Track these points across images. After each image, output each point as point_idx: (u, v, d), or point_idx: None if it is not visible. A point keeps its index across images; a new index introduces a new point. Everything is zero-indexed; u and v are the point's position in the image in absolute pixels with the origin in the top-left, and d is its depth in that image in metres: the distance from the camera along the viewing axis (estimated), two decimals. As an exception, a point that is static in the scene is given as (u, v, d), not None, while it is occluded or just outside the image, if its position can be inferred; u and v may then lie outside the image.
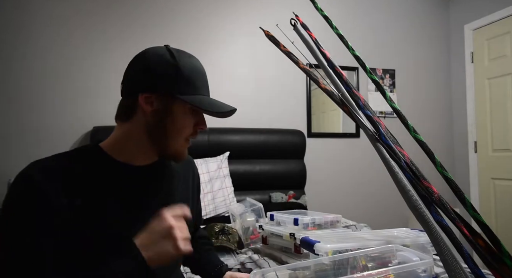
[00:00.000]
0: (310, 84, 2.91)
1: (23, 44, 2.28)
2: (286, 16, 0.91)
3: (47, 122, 2.31)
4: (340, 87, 0.70)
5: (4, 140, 2.23)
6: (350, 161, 3.02)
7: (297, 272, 0.88)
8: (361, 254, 0.90)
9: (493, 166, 3.02)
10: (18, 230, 0.62)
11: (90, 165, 0.72)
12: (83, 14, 2.42)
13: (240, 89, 2.70)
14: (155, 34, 2.55)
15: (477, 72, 3.18)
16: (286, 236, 1.31)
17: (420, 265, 0.80)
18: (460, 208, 0.64)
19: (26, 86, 2.28)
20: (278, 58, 2.63)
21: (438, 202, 0.55)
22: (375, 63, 3.14)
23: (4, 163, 2.21)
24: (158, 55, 0.73)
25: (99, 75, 2.43)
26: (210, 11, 2.70)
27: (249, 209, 1.81)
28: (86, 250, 0.65)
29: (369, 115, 0.65)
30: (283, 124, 2.77)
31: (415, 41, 3.30)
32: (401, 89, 3.22)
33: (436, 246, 0.51)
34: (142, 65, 0.73)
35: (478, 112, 3.16)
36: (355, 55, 0.71)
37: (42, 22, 2.33)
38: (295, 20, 0.78)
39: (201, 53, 2.61)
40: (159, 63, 0.72)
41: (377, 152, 0.62)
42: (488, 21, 3.05)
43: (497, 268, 0.48)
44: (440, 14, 3.41)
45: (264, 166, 2.58)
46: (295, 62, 0.74)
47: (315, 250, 1.00)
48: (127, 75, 0.76)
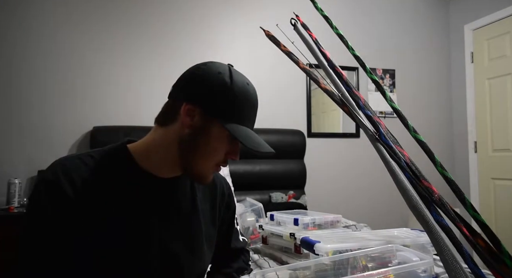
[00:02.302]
0: (310, 84, 2.91)
1: (23, 44, 2.28)
2: (286, 16, 0.91)
3: (47, 122, 2.31)
4: (340, 87, 0.70)
5: (4, 139, 2.23)
6: (350, 161, 3.01)
7: (297, 272, 0.88)
8: (361, 254, 0.90)
9: (493, 166, 3.02)
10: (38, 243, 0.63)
11: (115, 173, 0.70)
12: (84, 15, 2.42)
13: (240, 89, 2.69)
14: (155, 33, 2.55)
15: (477, 72, 3.18)
16: (286, 236, 1.31)
17: (420, 265, 0.80)
18: (460, 208, 0.64)
19: (26, 86, 2.28)
20: (278, 58, 2.63)
21: (438, 202, 0.55)
22: (375, 63, 3.14)
23: (4, 163, 2.21)
24: (217, 72, 0.70)
25: (99, 75, 2.43)
26: (210, 11, 2.70)
27: (249, 209, 1.81)
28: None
29: (369, 115, 0.65)
30: (283, 124, 2.77)
31: (415, 41, 3.30)
32: (401, 89, 3.22)
33: (436, 246, 0.51)
34: (199, 75, 0.70)
35: (478, 112, 3.16)
36: (355, 55, 0.71)
37: (42, 22, 2.33)
38: (295, 20, 0.78)
39: (201, 52, 2.62)
40: (214, 80, 0.69)
41: (377, 152, 0.62)
42: (488, 21, 3.05)
43: (497, 268, 0.48)
44: (440, 14, 3.41)
45: (264, 166, 2.58)
46: (295, 62, 0.74)
47: (315, 250, 1.00)
48: (181, 80, 0.72)
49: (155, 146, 0.72)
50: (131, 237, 0.68)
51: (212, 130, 0.69)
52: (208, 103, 0.68)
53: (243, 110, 0.71)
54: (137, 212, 0.70)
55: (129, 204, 0.69)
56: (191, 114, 0.69)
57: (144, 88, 2.48)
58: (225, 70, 0.71)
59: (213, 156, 0.71)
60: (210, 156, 0.71)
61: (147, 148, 0.73)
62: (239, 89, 0.70)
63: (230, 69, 0.72)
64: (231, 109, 0.69)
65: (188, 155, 0.71)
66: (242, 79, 0.73)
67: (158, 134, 0.73)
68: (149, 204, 0.72)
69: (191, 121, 0.69)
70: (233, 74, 0.71)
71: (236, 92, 0.69)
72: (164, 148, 0.71)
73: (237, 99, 0.69)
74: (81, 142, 2.35)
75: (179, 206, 0.77)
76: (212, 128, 0.69)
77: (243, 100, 0.70)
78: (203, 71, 0.71)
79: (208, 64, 0.72)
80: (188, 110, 0.68)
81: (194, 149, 0.70)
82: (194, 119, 0.69)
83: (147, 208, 0.71)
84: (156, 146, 0.72)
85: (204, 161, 0.71)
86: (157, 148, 0.72)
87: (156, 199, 0.73)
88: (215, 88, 0.69)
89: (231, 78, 0.70)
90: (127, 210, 0.69)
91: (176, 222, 0.75)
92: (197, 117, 0.69)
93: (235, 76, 0.71)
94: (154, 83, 2.46)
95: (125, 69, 2.48)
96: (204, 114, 0.69)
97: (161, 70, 2.51)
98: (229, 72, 0.71)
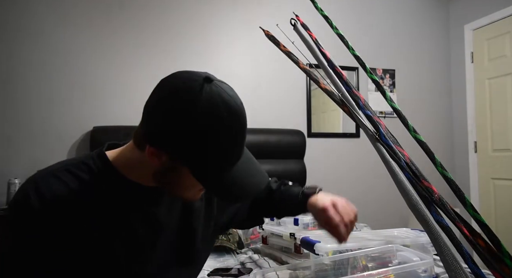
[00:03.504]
0: (310, 84, 2.91)
1: (21, 44, 2.28)
2: (286, 16, 0.91)
3: (47, 122, 2.31)
4: (340, 87, 0.70)
5: (4, 139, 2.23)
6: (350, 161, 3.01)
7: (297, 272, 0.88)
8: (361, 254, 0.90)
9: (493, 166, 3.02)
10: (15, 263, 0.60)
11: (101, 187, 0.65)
12: (84, 14, 2.41)
13: (240, 89, 2.66)
14: (154, 33, 2.55)
15: (477, 72, 3.18)
16: (286, 236, 1.31)
17: (420, 265, 0.80)
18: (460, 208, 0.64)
19: (26, 86, 2.28)
20: (278, 58, 2.63)
21: (438, 202, 0.55)
22: (375, 63, 3.14)
23: (4, 163, 2.21)
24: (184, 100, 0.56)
25: (100, 75, 2.43)
26: (210, 11, 2.70)
27: (249, 209, 1.81)
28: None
29: (369, 115, 0.65)
30: (283, 124, 2.77)
31: (415, 41, 3.30)
32: (401, 89, 3.21)
33: (436, 246, 0.51)
34: (162, 105, 0.58)
35: (478, 112, 3.16)
36: (355, 55, 0.71)
37: (41, 21, 2.32)
38: (295, 20, 0.78)
39: (201, 53, 2.61)
40: (178, 116, 0.56)
41: (377, 152, 0.62)
42: (488, 21, 3.05)
43: (497, 268, 0.48)
44: (440, 14, 3.41)
45: (264, 166, 2.52)
46: (295, 62, 0.74)
47: (316, 250, 1.00)
48: (146, 108, 0.61)
49: (134, 162, 0.66)
50: (123, 248, 0.66)
51: (184, 171, 0.59)
52: (173, 150, 0.58)
53: (219, 154, 0.58)
54: (127, 221, 0.67)
55: (118, 215, 0.66)
56: (158, 156, 0.59)
57: (144, 88, 2.47)
58: (194, 95, 0.55)
59: (191, 189, 0.65)
60: (187, 190, 0.65)
61: (127, 162, 0.67)
62: (213, 129, 0.55)
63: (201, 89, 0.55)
64: (201, 157, 0.57)
65: (165, 187, 0.65)
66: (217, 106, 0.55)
67: (135, 155, 0.64)
68: (139, 213, 0.69)
69: (159, 162, 0.60)
70: (202, 102, 0.55)
71: (209, 136, 0.56)
72: (144, 166, 0.64)
73: (209, 143, 0.56)
74: (81, 142, 2.35)
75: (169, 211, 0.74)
76: (183, 170, 0.59)
77: (219, 142, 0.57)
78: (166, 99, 0.58)
79: (175, 85, 0.58)
80: (153, 153, 0.59)
81: (169, 185, 0.64)
82: (162, 160, 0.59)
83: (137, 217, 0.68)
84: (135, 163, 0.65)
85: (182, 194, 0.66)
86: (137, 164, 0.65)
87: (145, 206, 0.69)
88: (179, 129, 0.56)
89: (200, 109, 0.55)
90: (116, 221, 0.66)
91: (167, 227, 0.73)
92: (165, 158, 0.59)
93: (205, 105, 0.55)
94: (154, 83, 2.44)
95: (125, 69, 2.48)
96: (175, 161, 0.59)
97: (160, 70, 2.50)
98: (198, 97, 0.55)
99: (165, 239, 0.72)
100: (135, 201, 0.68)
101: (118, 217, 0.66)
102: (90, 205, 0.63)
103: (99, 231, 0.63)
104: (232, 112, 0.57)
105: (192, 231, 0.78)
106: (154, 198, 0.70)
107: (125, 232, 0.66)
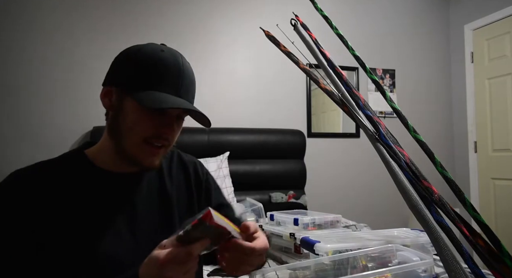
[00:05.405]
0: (310, 84, 2.91)
1: (21, 44, 2.28)
2: (286, 16, 0.91)
3: (47, 122, 2.31)
4: (340, 87, 0.70)
5: (3, 139, 2.23)
6: (350, 161, 3.01)
7: (297, 272, 0.88)
8: (361, 254, 0.90)
9: (493, 166, 3.02)
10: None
11: (68, 172, 0.70)
12: (83, 14, 2.42)
13: (240, 89, 2.70)
14: (154, 33, 2.55)
15: (477, 72, 3.18)
16: (286, 236, 1.31)
17: (420, 265, 0.80)
18: (460, 208, 0.64)
19: (26, 86, 2.28)
20: (278, 58, 2.64)
21: (438, 202, 0.55)
22: (375, 63, 3.14)
23: (4, 163, 2.21)
24: (128, 49, 0.71)
25: (100, 75, 2.43)
26: (210, 11, 2.70)
27: (249, 209, 1.81)
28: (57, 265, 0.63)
29: (369, 115, 0.65)
30: (283, 124, 2.77)
31: (415, 41, 3.30)
32: (401, 89, 3.22)
33: (436, 246, 0.51)
34: (116, 58, 0.72)
35: (478, 112, 3.16)
36: (355, 55, 0.71)
37: (40, 21, 2.33)
38: (295, 20, 0.78)
39: (201, 53, 2.61)
40: (123, 56, 0.70)
41: (377, 152, 0.62)
42: (488, 21, 3.05)
43: (497, 268, 0.48)
44: (440, 14, 3.41)
45: (264, 166, 2.58)
46: (295, 62, 0.74)
47: (315, 250, 1.00)
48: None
49: (104, 143, 0.73)
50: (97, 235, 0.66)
51: (126, 104, 0.67)
52: (117, 78, 0.69)
53: (151, 75, 0.66)
54: (100, 209, 0.68)
55: (89, 203, 0.68)
56: (109, 96, 0.69)
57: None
58: (140, 46, 0.70)
59: (134, 130, 0.67)
60: (131, 131, 0.67)
61: (100, 147, 0.74)
62: (144, 56, 0.67)
63: (149, 44, 0.71)
64: (136, 77, 0.66)
65: (115, 138, 0.69)
66: (155, 47, 0.69)
67: (104, 140, 0.74)
68: (111, 200, 0.70)
69: (109, 102, 0.69)
70: (145, 46, 0.69)
71: (141, 59, 0.67)
72: (108, 141, 0.72)
73: (143, 65, 0.66)
74: (81, 142, 2.35)
75: (145, 198, 0.74)
76: (126, 103, 0.67)
77: (150, 65, 0.66)
78: (121, 54, 0.71)
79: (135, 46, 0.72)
80: (106, 92, 0.70)
81: (117, 128, 0.69)
82: (112, 99, 0.69)
83: (109, 204, 0.70)
84: (105, 143, 0.73)
85: (127, 139, 0.68)
86: (106, 143, 0.72)
87: (118, 194, 0.71)
88: (123, 63, 0.69)
89: (138, 49, 0.69)
90: (88, 208, 0.67)
91: (145, 213, 0.73)
92: (114, 97, 0.69)
93: (146, 47, 0.69)
94: (154, 83, 2.46)
95: (125, 69, 2.48)
96: (119, 91, 0.68)
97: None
98: (145, 46, 0.70)
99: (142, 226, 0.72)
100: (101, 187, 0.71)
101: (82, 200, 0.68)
102: (56, 185, 0.67)
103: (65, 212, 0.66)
104: (173, 54, 0.69)
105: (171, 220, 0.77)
106: (125, 184, 0.73)
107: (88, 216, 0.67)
